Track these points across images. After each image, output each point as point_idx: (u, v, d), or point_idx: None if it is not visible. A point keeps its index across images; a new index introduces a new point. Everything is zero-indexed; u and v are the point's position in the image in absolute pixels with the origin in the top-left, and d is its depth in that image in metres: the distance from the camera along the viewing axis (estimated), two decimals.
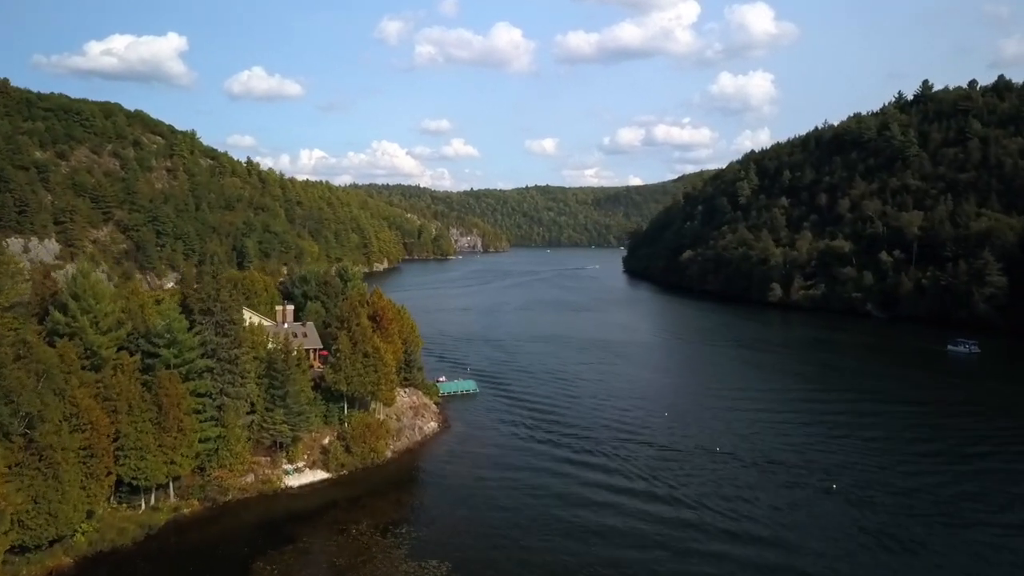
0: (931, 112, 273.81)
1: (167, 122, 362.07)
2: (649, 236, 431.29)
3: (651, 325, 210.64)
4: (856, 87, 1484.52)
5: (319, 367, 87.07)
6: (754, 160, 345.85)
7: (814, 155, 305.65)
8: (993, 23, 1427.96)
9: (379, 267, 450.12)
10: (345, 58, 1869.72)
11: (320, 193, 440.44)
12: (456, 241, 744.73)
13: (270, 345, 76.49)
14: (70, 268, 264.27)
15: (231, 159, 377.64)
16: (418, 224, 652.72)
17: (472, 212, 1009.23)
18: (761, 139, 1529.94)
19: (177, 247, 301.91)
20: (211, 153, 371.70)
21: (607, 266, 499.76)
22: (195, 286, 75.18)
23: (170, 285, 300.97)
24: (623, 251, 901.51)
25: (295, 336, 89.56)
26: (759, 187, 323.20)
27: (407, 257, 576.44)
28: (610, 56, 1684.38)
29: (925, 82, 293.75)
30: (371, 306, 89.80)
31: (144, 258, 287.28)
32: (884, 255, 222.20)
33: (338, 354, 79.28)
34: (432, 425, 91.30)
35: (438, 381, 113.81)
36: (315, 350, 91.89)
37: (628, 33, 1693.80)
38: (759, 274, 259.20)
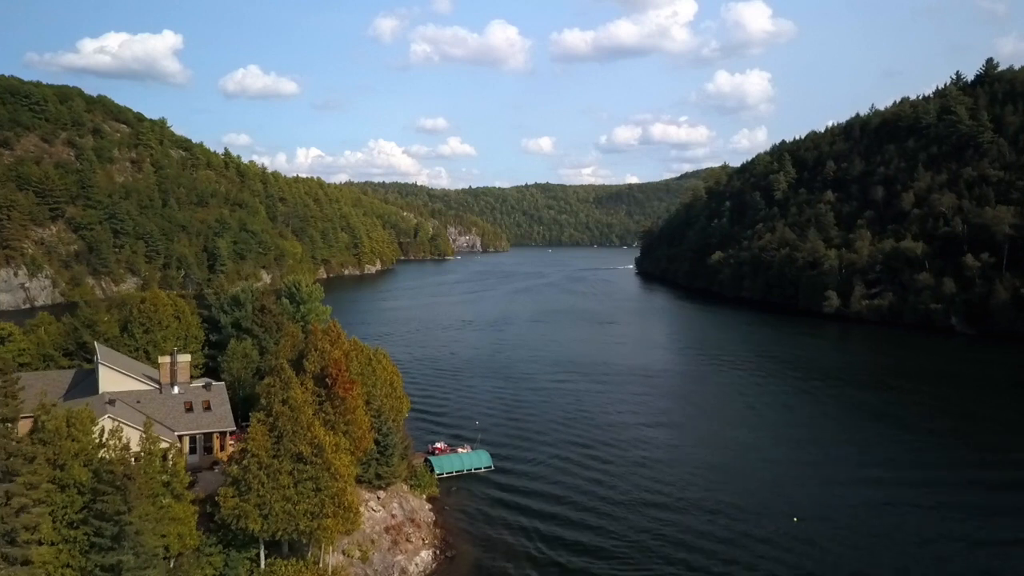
0: (1000, 93, 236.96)
1: (145, 113, 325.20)
2: (666, 235, 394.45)
3: (692, 343, 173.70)
4: (852, 85, 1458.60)
5: (226, 463, 50.71)
6: (788, 150, 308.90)
7: (861, 144, 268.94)
8: (990, 20, 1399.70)
9: (371, 269, 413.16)
10: (340, 56, 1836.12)
11: (306, 189, 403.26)
12: (454, 240, 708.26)
13: (104, 452, 39.90)
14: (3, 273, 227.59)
15: (206, 150, 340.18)
16: (414, 222, 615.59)
17: (470, 210, 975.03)
18: (758, 138, 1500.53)
19: (138, 248, 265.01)
20: (184, 143, 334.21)
21: (619, 268, 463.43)
22: None
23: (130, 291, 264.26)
24: (626, 250, 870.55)
25: (189, 411, 53.08)
26: (797, 180, 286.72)
27: (403, 258, 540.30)
28: (606, 54, 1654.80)
29: (989, 61, 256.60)
30: (320, 357, 52.95)
31: (98, 261, 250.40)
32: (969, 258, 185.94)
33: (248, 461, 42.66)
34: (422, 558, 54.30)
35: (434, 451, 77.33)
36: (224, 433, 55.40)
37: (624, 31, 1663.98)
38: (809, 280, 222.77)
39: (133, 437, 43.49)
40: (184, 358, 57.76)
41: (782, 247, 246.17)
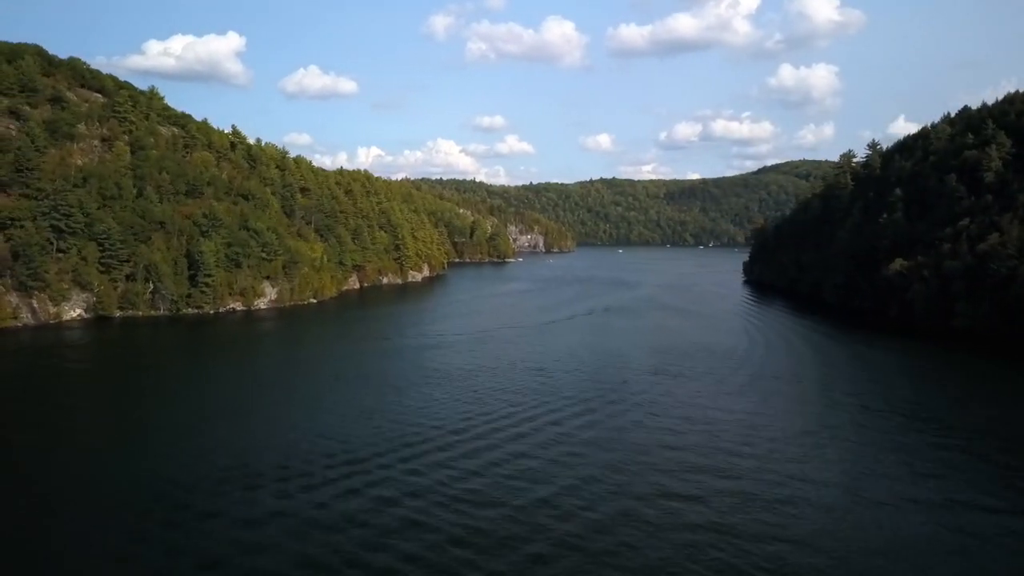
0: None
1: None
2: (789, 235, 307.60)
3: (978, 441, 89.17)
4: (925, 77, 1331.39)
5: None
6: (988, 116, 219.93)
7: None
8: None
9: (416, 276, 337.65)
10: (396, 55, 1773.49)
11: (338, 179, 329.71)
12: (515, 240, 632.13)
13: None
14: None
15: (207, 127, 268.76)
16: (471, 220, 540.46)
17: (531, 207, 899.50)
18: (825, 133, 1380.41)
19: (90, 253, 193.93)
20: (180, 120, 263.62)
21: (719, 274, 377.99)
22: None
23: (75, 314, 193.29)
24: (702, 250, 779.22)
25: None
26: (1013, 156, 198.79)
27: (457, 260, 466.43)
28: (665, 49, 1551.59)
29: None
30: None
31: (27, 272, 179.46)
32: None
33: None
34: None
35: None
36: None
37: (683, 24, 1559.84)
38: None
39: None
40: None
41: None
